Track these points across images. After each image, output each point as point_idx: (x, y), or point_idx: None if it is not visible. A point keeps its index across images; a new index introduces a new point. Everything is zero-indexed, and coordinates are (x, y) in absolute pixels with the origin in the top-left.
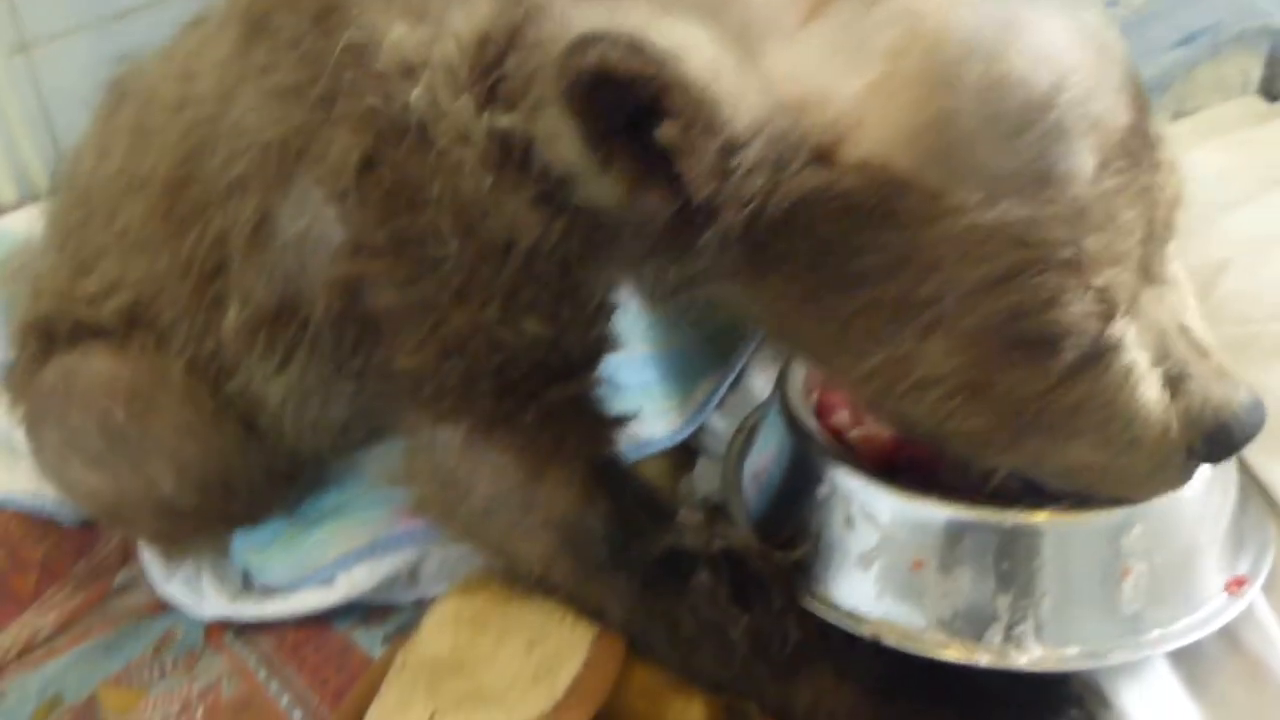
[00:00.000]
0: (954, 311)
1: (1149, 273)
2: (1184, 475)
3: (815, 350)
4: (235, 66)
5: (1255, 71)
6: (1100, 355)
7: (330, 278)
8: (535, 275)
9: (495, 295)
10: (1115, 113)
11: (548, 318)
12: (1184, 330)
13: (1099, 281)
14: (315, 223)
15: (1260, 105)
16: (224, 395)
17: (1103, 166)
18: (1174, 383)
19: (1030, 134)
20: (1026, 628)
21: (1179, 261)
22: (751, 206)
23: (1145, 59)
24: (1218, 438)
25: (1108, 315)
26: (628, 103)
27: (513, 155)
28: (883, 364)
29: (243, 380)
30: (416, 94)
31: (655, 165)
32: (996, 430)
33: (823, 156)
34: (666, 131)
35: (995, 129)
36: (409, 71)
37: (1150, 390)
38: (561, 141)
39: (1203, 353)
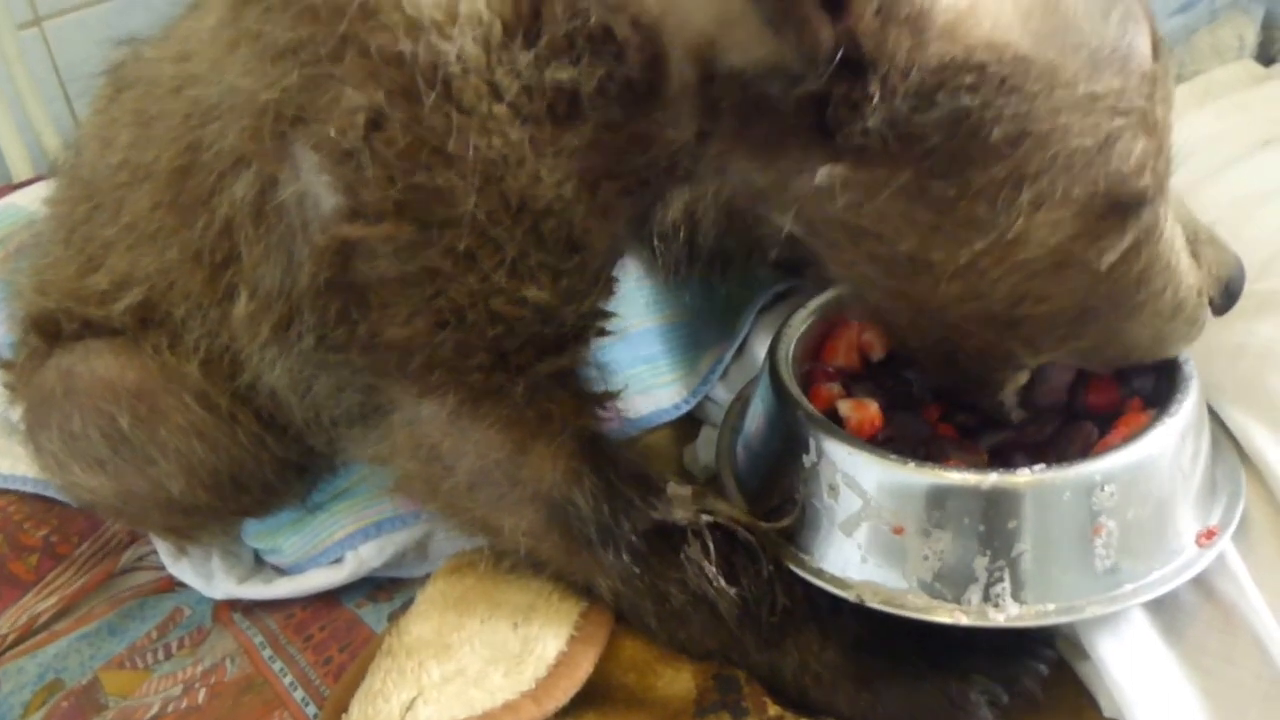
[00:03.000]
0: (1060, 181)
1: None
2: (1201, 329)
3: (900, 252)
4: (226, 33)
5: (1250, 36)
6: (1154, 226)
7: (321, 244)
8: (543, 239)
9: (503, 261)
10: (1148, 8)
11: (550, 285)
12: (1181, 203)
13: (1167, 145)
14: (308, 188)
15: (1256, 69)
16: (237, 392)
17: (1154, 48)
18: (1193, 248)
19: (1114, 14)
20: (1004, 587)
21: None
22: (903, 63)
23: None
24: (1230, 291)
25: (1167, 178)
26: None
27: (557, 109)
28: (984, 250)
29: (253, 373)
30: (446, 48)
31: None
32: (1067, 313)
33: (948, 34)
34: None
35: (1089, 9)
36: (430, 26)
37: (1186, 257)
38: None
39: (1196, 220)
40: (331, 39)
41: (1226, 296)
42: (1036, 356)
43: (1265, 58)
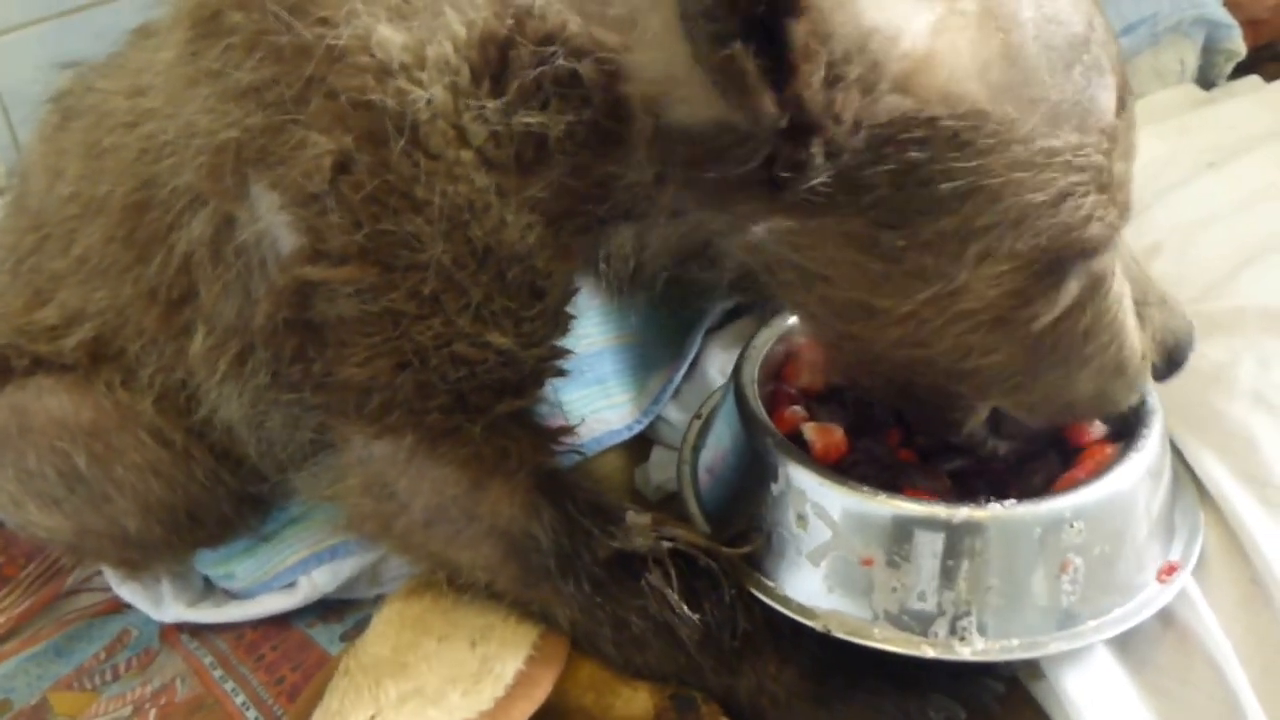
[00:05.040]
0: (1008, 237)
1: None
2: (1140, 392)
3: (848, 297)
4: (184, 70)
5: (1191, 60)
6: (1101, 280)
7: (281, 283)
8: (507, 285)
9: (468, 306)
10: (1118, 57)
11: (512, 330)
12: (1135, 261)
13: (1121, 200)
14: (268, 227)
15: (1196, 92)
16: (193, 427)
17: (1120, 102)
18: (1139, 309)
19: (1078, 67)
20: (970, 621)
21: None
22: (850, 123)
23: None
24: (1175, 359)
25: (1118, 230)
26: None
27: (525, 155)
28: (928, 300)
29: (209, 408)
30: (416, 93)
31: (768, 76)
32: (1013, 365)
33: (901, 86)
34: (799, 29)
35: (1052, 61)
36: (399, 72)
37: (1132, 317)
38: (662, 57)
39: (1149, 282)
40: (297, 81)
41: (1169, 363)
42: (985, 401)
43: (1206, 82)
